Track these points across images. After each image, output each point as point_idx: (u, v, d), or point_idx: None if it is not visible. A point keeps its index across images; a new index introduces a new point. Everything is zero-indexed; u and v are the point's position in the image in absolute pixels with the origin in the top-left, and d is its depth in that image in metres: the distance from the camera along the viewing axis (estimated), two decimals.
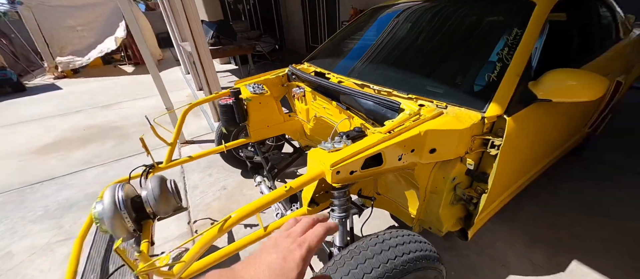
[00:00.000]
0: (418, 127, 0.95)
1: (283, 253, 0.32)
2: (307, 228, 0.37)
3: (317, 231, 0.36)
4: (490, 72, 1.11)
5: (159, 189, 1.12)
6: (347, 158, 0.84)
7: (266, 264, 0.31)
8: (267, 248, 0.34)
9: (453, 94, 1.15)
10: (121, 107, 4.61)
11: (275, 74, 1.96)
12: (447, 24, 1.45)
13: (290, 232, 0.37)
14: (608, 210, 1.69)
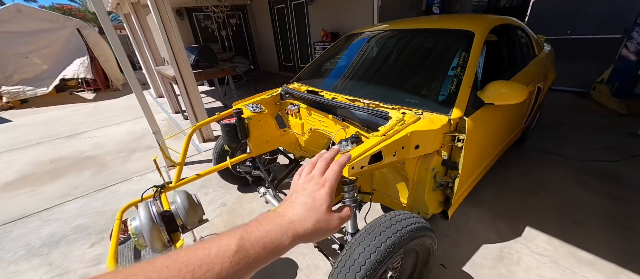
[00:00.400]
0: (405, 130, 1.23)
1: (311, 193, 0.39)
2: (324, 169, 0.43)
3: (333, 169, 0.42)
4: (449, 85, 1.47)
5: (187, 202, 1.25)
6: (358, 156, 1.08)
7: (300, 204, 0.37)
8: (297, 192, 0.40)
9: (426, 103, 1.48)
10: (89, 135, 4.36)
11: (269, 94, 2.18)
12: (413, 49, 1.83)
13: (312, 176, 0.42)
14: (546, 186, 2.16)
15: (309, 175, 0.42)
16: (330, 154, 0.45)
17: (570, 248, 1.59)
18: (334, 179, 0.40)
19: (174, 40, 3.04)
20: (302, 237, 0.36)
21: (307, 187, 0.40)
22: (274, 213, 0.37)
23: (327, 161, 0.44)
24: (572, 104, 3.83)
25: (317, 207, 0.37)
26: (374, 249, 1.02)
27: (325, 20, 5.86)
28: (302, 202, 0.38)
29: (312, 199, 0.38)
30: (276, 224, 0.35)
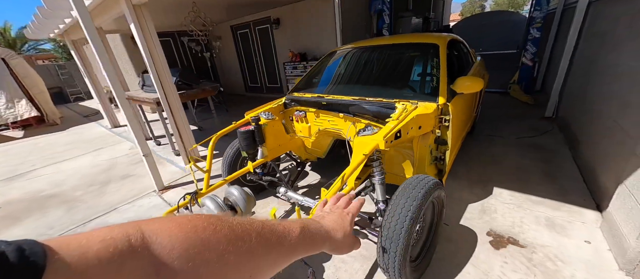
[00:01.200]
0: (411, 114, 1.62)
1: (340, 215, 0.50)
2: (346, 204, 0.53)
3: (355, 205, 0.52)
4: (431, 82, 1.95)
5: (244, 193, 1.38)
6: (389, 132, 1.41)
7: (333, 221, 0.47)
8: (327, 212, 0.50)
9: (418, 96, 1.92)
10: (38, 174, 3.77)
11: (276, 103, 2.40)
12: (399, 57, 2.32)
13: (337, 206, 0.52)
14: (498, 158, 2.80)
15: (335, 205, 0.53)
16: (351, 194, 0.60)
17: (525, 196, 2.15)
18: (356, 212, 0.52)
19: (158, 63, 3.03)
20: (332, 244, 0.46)
21: (334, 212, 0.50)
22: (315, 221, 0.46)
23: (349, 198, 0.56)
24: (497, 101, 4.90)
25: (345, 226, 0.48)
26: (410, 205, 1.31)
27: (291, 42, 6.32)
28: (334, 220, 0.48)
29: (342, 220, 0.49)
30: (321, 228, 0.44)
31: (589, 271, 1.47)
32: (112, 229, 0.26)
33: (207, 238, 0.29)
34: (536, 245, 1.67)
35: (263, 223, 0.36)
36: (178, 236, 0.27)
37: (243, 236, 0.32)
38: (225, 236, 0.30)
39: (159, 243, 0.26)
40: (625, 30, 2.06)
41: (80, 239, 0.23)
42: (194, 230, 0.28)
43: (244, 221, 0.34)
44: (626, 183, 1.55)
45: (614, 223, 1.60)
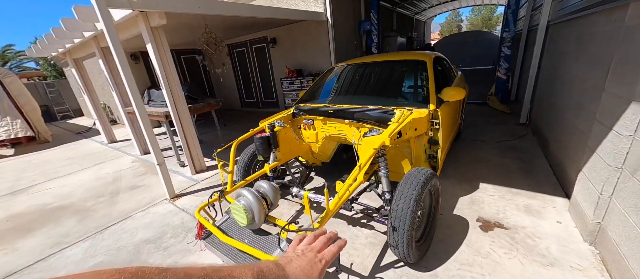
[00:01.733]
0: (408, 118, 1.93)
1: (309, 262, 0.44)
2: (323, 246, 0.49)
3: (332, 251, 0.47)
4: (422, 91, 2.30)
5: (273, 186, 1.60)
6: (392, 132, 1.70)
7: (299, 268, 0.43)
8: (298, 255, 0.46)
9: (412, 103, 2.24)
10: (40, 189, 3.78)
11: (285, 113, 2.66)
12: (393, 71, 2.67)
13: (312, 247, 0.48)
14: (482, 159, 3.15)
15: (310, 246, 0.48)
16: (330, 235, 0.52)
17: (507, 189, 2.47)
18: (331, 258, 0.46)
19: (172, 79, 3.25)
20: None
21: (307, 255, 0.45)
22: (278, 267, 0.41)
23: (327, 240, 0.50)
24: (478, 111, 5.39)
25: (311, 275, 0.43)
26: (413, 190, 1.58)
27: (288, 59, 6.69)
28: (301, 267, 0.42)
29: (311, 267, 0.43)
30: (279, 275, 0.40)
31: (560, 244, 1.77)
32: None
33: None
34: (518, 227, 1.97)
35: (206, 272, 0.33)
36: None
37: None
38: None
39: None
40: (575, 46, 2.52)
41: None
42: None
43: (179, 272, 0.31)
44: (583, 171, 1.90)
45: (577, 204, 1.94)
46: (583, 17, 2.40)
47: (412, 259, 1.60)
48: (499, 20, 35.42)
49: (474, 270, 1.64)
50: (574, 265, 1.59)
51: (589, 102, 2.04)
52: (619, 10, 1.75)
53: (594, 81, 1.99)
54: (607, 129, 1.65)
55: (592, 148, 1.82)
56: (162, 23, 2.90)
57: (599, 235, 1.69)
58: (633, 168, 1.43)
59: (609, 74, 1.72)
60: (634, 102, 1.44)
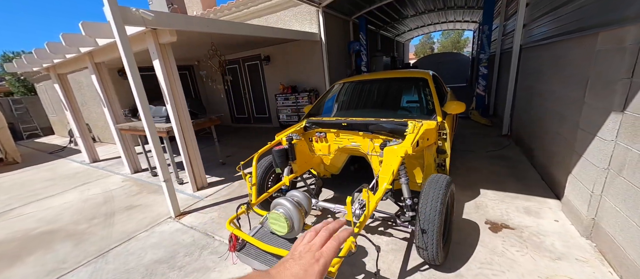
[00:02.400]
0: (421, 129, 2.10)
1: (305, 266, 0.39)
2: (325, 240, 0.44)
3: (331, 246, 0.43)
4: (428, 105, 2.51)
5: (305, 195, 1.65)
6: (413, 141, 1.85)
7: (292, 275, 0.38)
8: (294, 259, 0.41)
9: (423, 116, 2.44)
10: (20, 213, 3.44)
11: (298, 126, 2.75)
12: (399, 87, 2.89)
13: (311, 245, 0.43)
14: (476, 168, 3.41)
15: (309, 244, 0.44)
16: (334, 225, 0.46)
17: (504, 193, 2.70)
18: (331, 256, 0.42)
19: (177, 95, 3.23)
20: None
21: (304, 258, 0.41)
22: (266, 275, 0.38)
23: (330, 232, 0.45)
24: (462, 124, 5.81)
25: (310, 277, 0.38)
26: (438, 193, 1.71)
27: (282, 76, 6.85)
28: (294, 273, 0.38)
29: (304, 273, 0.39)
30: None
31: (562, 240, 1.96)
32: None
33: None
34: (522, 227, 2.15)
35: None
36: None
37: None
38: None
39: None
40: (551, 67, 2.91)
41: None
42: None
43: None
44: (573, 173, 2.16)
45: (570, 204, 2.17)
46: (555, 42, 2.80)
47: (439, 261, 1.70)
48: (466, 42, 38.84)
49: (494, 268, 1.77)
50: (578, 258, 1.78)
51: (570, 114, 2.35)
52: (589, 38, 2.10)
53: (573, 96, 2.32)
54: (591, 136, 1.93)
55: (579, 153, 2.09)
56: (173, 40, 2.94)
57: (594, 230, 1.91)
58: (618, 167, 1.68)
59: (588, 90, 2.03)
60: (613, 112, 1.71)
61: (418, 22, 12.05)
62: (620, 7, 1.69)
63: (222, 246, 2.34)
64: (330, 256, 0.42)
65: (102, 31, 2.83)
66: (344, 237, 0.45)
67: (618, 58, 1.69)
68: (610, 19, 1.81)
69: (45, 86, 9.61)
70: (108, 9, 2.24)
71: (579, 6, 2.30)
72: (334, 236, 0.45)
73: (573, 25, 2.38)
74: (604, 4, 1.90)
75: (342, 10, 6.63)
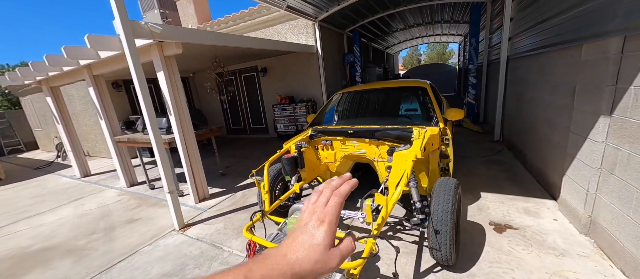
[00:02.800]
0: (426, 134, 2.20)
1: (311, 231, 0.38)
2: (328, 198, 0.41)
3: (334, 203, 0.40)
4: (429, 112, 2.63)
5: None
6: (421, 146, 1.94)
7: (300, 243, 0.37)
8: (299, 229, 0.40)
9: (424, 123, 2.55)
10: (9, 231, 3.28)
11: (304, 135, 2.80)
12: (400, 96, 3.02)
13: (314, 207, 0.41)
14: (474, 172, 3.54)
15: (313, 205, 0.42)
16: (337, 182, 0.44)
17: (503, 196, 2.81)
18: (335, 213, 0.40)
19: (180, 106, 3.24)
20: (301, 277, 0.36)
21: (309, 223, 0.39)
22: (276, 251, 0.37)
23: (333, 189, 0.43)
24: (456, 131, 6.02)
25: (316, 247, 0.37)
26: (449, 195, 1.79)
27: (279, 87, 6.93)
28: (302, 241, 0.38)
29: (311, 237, 0.38)
30: (277, 264, 0.35)
31: (562, 237, 2.07)
32: None
33: None
34: (524, 226, 2.25)
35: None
36: None
37: None
38: None
39: None
40: (538, 76, 3.12)
41: None
42: None
43: None
44: (568, 174, 2.30)
45: (567, 203, 2.30)
46: (542, 53, 3.03)
47: (452, 261, 1.76)
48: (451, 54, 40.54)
49: (503, 266, 1.84)
50: (580, 253, 1.88)
51: (561, 119, 2.52)
52: (573, 49, 2.30)
53: (561, 102, 2.50)
54: (583, 138, 2.08)
55: (572, 155, 2.24)
56: (178, 52, 2.98)
57: (591, 227, 2.02)
58: (610, 166, 1.82)
59: (576, 96, 2.20)
60: (602, 116, 1.87)
61: (407, 35, 12.56)
62: (603, 21, 1.89)
63: (232, 257, 2.31)
64: (335, 214, 0.40)
65: (108, 44, 2.86)
66: (345, 191, 0.42)
67: (603, 67, 1.86)
68: (593, 32, 2.01)
69: (31, 100, 9.31)
70: (118, 23, 2.28)
71: (562, 21, 2.52)
72: (335, 192, 0.42)
73: (558, 38, 2.60)
74: (587, 19, 2.10)
75: (336, 24, 6.87)
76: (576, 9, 2.25)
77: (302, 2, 4.96)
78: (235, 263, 2.12)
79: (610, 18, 1.80)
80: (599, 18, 1.94)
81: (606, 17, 1.85)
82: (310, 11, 5.51)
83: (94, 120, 7.02)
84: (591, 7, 2.04)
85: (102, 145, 7.23)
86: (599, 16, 1.94)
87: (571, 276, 1.69)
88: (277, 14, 6.21)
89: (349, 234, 0.43)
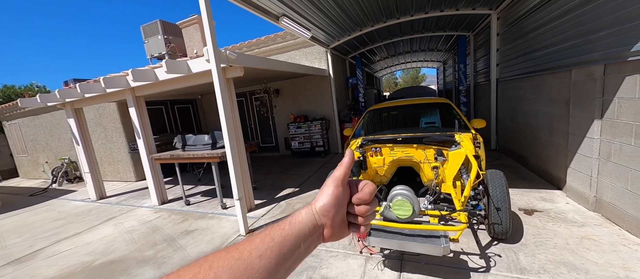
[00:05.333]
0: (466, 138, 2.76)
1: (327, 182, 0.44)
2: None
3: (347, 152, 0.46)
4: (459, 121, 3.24)
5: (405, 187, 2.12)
6: (472, 145, 2.47)
7: (320, 189, 0.44)
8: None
9: (458, 130, 3.13)
10: (53, 252, 3.21)
11: (355, 144, 3.24)
12: (432, 110, 3.62)
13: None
14: None
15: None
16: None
17: (520, 190, 3.41)
18: (347, 164, 0.45)
19: (236, 123, 3.55)
20: (321, 210, 0.42)
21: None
22: (313, 203, 0.44)
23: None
24: None
25: (329, 184, 0.43)
26: (501, 180, 2.30)
27: (291, 107, 7.39)
28: (322, 188, 0.44)
29: (329, 179, 0.45)
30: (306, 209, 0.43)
31: (578, 214, 2.65)
32: None
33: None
34: (547, 209, 2.82)
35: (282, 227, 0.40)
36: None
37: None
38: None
39: None
40: (534, 93, 3.91)
41: None
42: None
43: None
44: (572, 166, 2.96)
45: (574, 189, 2.93)
46: (533, 75, 3.84)
47: (509, 232, 2.23)
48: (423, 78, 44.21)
49: (544, 236, 2.34)
50: (595, 223, 2.45)
51: (559, 125, 3.23)
52: (563, 72, 3.07)
53: (558, 112, 3.23)
54: (581, 137, 2.76)
55: (573, 151, 2.91)
56: (240, 75, 3.37)
57: (597, 204, 2.63)
58: (607, 155, 2.47)
59: (571, 107, 2.92)
60: (595, 120, 2.56)
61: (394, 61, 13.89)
62: (587, 51, 2.64)
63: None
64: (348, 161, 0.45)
65: (179, 68, 3.18)
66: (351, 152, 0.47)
67: (591, 85, 2.59)
68: (579, 61, 2.77)
69: (19, 124, 8.79)
70: (211, 50, 2.66)
71: (550, 53, 3.33)
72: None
73: (548, 64, 3.39)
74: (573, 51, 2.88)
75: (341, 51, 7.65)
76: (563, 44, 3.05)
77: (323, 32, 5.64)
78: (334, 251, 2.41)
79: (592, 51, 2.55)
80: (583, 51, 2.70)
81: (589, 50, 2.60)
82: (325, 40, 6.21)
83: (100, 142, 6.89)
84: (576, 43, 2.82)
85: (108, 167, 7.02)
86: (582, 49, 2.71)
87: (595, 238, 2.24)
88: (292, 42, 6.84)
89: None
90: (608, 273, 1.85)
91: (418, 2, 4.95)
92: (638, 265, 1.89)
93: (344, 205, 0.44)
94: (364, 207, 0.44)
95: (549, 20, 3.32)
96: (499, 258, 2.14)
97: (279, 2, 3.75)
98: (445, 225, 2.20)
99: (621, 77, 2.26)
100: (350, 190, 0.45)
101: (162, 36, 9.99)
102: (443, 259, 2.20)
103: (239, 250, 0.36)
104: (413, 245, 1.90)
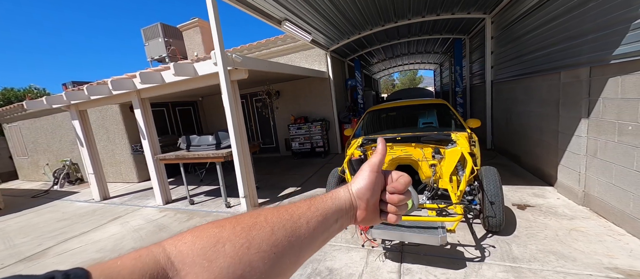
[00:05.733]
0: (462, 137, 2.91)
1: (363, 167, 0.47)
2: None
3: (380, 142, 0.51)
4: (455, 121, 3.39)
5: None
6: (467, 143, 2.62)
7: (358, 174, 0.47)
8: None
9: (454, 129, 3.28)
10: (62, 250, 3.29)
11: (356, 144, 3.37)
12: (430, 110, 3.76)
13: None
14: None
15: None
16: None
17: (514, 186, 3.56)
18: (382, 151, 0.49)
19: (241, 124, 3.67)
20: (357, 192, 0.45)
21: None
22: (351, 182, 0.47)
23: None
24: None
25: (366, 169, 0.46)
26: (494, 175, 2.44)
27: (292, 108, 7.51)
28: (358, 173, 0.47)
29: (365, 164, 0.47)
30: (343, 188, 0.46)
31: (568, 208, 2.80)
32: (140, 253, 0.29)
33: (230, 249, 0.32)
34: (538, 204, 2.97)
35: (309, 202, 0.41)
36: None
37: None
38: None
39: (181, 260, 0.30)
40: (526, 95, 4.08)
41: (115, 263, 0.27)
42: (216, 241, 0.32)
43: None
44: (562, 163, 3.11)
45: (564, 185, 3.08)
46: (524, 78, 4.01)
47: (503, 225, 2.37)
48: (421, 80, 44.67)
49: (535, 228, 2.49)
50: (583, 216, 2.60)
51: (548, 125, 3.39)
52: (553, 74, 3.23)
53: (548, 112, 3.39)
54: (570, 135, 2.92)
55: (562, 149, 3.06)
56: (245, 77, 3.49)
57: (585, 198, 2.79)
58: (593, 152, 2.63)
59: (560, 107, 3.08)
60: (582, 119, 2.72)
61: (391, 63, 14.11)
62: (574, 55, 2.81)
63: None
64: (382, 151, 0.49)
65: (186, 70, 3.30)
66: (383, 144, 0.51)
67: (578, 87, 2.75)
68: (566, 64, 2.93)
69: (20, 126, 8.82)
70: (218, 54, 2.79)
71: (540, 56, 3.50)
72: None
73: (538, 67, 3.56)
74: (562, 54, 3.04)
75: (340, 54, 7.81)
76: (553, 47, 3.22)
77: (323, 36, 5.79)
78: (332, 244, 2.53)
79: (579, 54, 2.71)
80: (570, 54, 2.87)
81: (576, 53, 2.77)
82: (324, 43, 6.36)
83: (103, 144, 6.95)
84: (564, 47, 2.98)
85: (110, 169, 7.08)
86: (570, 53, 2.87)
87: (583, 229, 2.38)
88: (292, 44, 6.98)
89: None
90: (593, 260, 1.99)
91: (415, 7, 5.12)
92: (621, 253, 2.03)
93: (378, 191, 0.46)
94: (397, 197, 0.46)
95: (539, 24, 3.49)
96: (493, 248, 2.28)
97: (281, 7, 3.88)
98: (443, 217, 2.33)
99: (605, 79, 2.42)
100: (385, 179, 0.48)
101: (162, 39, 10.08)
102: (441, 250, 2.33)
103: (289, 212, 0.38)
104: (413, 236, 2.03)
